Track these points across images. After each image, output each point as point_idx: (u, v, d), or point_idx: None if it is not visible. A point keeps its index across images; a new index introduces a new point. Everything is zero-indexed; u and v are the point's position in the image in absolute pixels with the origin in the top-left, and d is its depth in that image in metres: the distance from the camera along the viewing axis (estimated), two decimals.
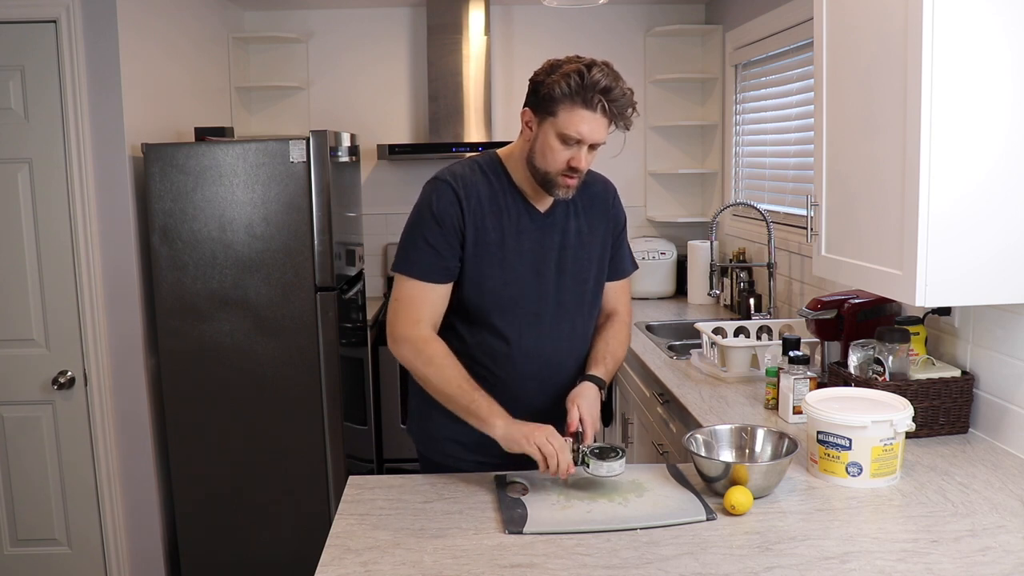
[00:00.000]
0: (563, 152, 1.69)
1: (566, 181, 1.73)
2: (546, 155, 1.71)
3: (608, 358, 1.87)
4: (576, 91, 1.64)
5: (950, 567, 1.35)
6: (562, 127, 1.67)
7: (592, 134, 1.68)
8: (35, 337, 2.83)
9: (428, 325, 1.78)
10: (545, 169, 1.73)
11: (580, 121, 1.66)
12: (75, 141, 2.74)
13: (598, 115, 1.66)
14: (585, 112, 1.65)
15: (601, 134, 1.69)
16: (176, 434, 2.98)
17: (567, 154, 1.70)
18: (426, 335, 1.77)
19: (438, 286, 1.78)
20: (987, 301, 1.68)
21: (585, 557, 1.40)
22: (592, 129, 1.67)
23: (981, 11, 1.58)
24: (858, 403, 1.75)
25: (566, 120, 1.67)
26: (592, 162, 1.75)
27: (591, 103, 1.65)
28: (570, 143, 1.69)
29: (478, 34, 4.05)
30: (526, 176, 1.79)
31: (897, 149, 1.68)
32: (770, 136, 3.52)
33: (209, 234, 2.88)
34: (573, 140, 1.68)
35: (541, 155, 1.73)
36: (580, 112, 1.65)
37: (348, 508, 1.62)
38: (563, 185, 1.73)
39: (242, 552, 3.04)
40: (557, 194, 1.75)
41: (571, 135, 1.67)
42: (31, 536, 2.92)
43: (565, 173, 1.71)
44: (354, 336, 3.36)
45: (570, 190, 1.75)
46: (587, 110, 1.65)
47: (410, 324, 1.78)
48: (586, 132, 1.67)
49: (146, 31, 2.99)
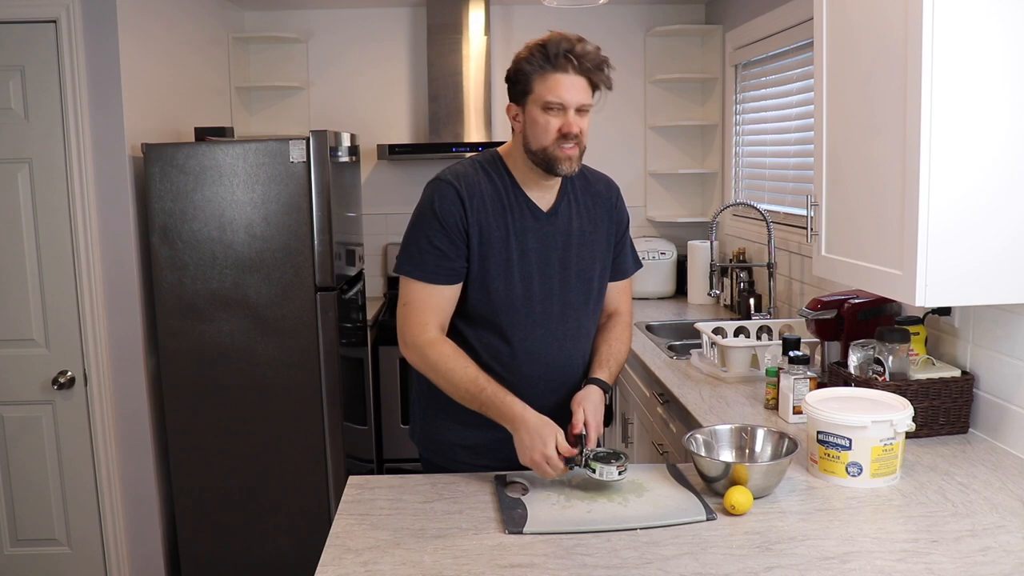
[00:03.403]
0: (551, 121, 1.70)
1: (565, 152, 1.72)
2: (537, 132, 1.72)
3: (611, 360, 1.87)
4: (542, 60, 1.69)
5: (950, 567, 1.35)
6: (541, 97, 1.70)
7: (572, 95, 1.69)
8: (35, 337, 2.84)
9: (435, 328, 1.78)
10: (541, 146, 1.73)
11: (556, 85, 1.69)
12: (75, 141, 2.74)
13: (571, 75, 1.69)
14: (558, 75, 1.69)
15: (582, 94, 1.70)
16: (176, 434, 2.98)
17: (555, 122, 1.70)
18: (432, 338, 1.76)
19: (444, 288, 1.77)
20: (987, 301, 1.68)
21: (585, 557, 1.40)
22: (569, 89, 1.69)
23: (981, 12, 1.58)
24: (858, 403, 1.75)
25: (543, 89, 1.70)
26: (586, 128, 1.74)
27: (560, 65, 1.68)
28: (554, 109, 1.70)
29: (478, 34, 4.05)
30: (527, 172, 1.79)
31: (897, 149, 1.68)
32: (770, 136, 3.52)
33: (209, 234, 2.88)
34: (556, 105, 1.69)
35: (533, 135, 1.73)
36: (552, 76, 1.69)
37: (348, 508, 1.62)
38: (564, 157, 1.72)
39: (242, 552, 3.04)
40: (561, 170, 1.74)
41: (552, 100, 1.69)
42: (31, 536, 2.92)
43: (561, 144, 1.71)
44: (354, 336, 3.36)
45: (573, 163, 1.74)
46: (559, 72, 1.68)
47: (417, 329, 1.77)
48: (565, 94, 1.69)
49: (146, 31, 2.99)
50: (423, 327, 1.76)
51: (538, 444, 1.64)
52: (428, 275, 1.76)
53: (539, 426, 1.65)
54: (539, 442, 1.64)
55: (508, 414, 1.68)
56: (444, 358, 1.74)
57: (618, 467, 1.62)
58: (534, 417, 1.67)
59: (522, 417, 1.67)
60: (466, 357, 1.75)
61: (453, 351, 1.76)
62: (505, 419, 1.69)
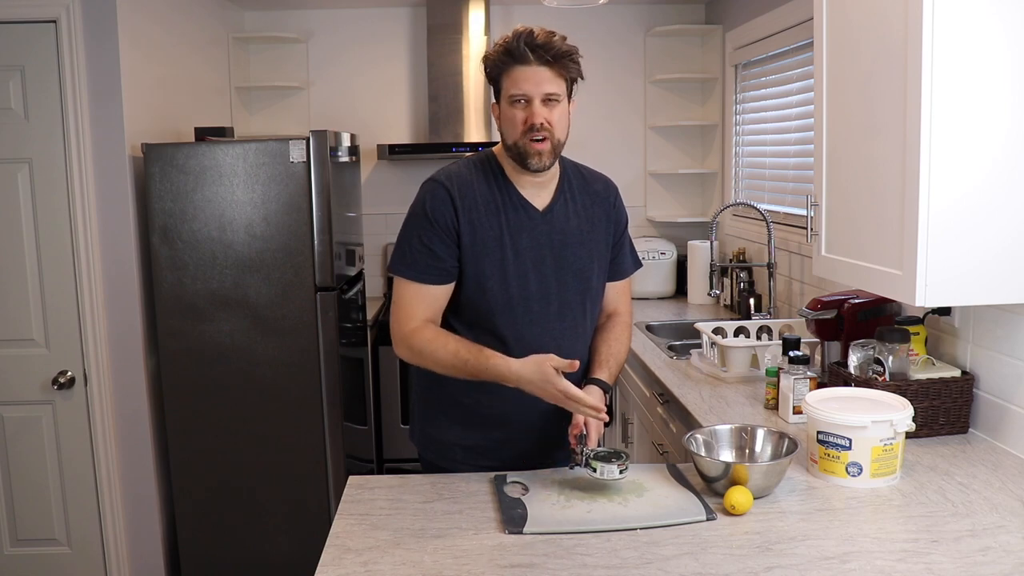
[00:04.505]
0: (517, 115, 1.72)
1: (533, 147, 1.73)
2: (507, 126, 1.75)
3: (611, 360, 1.88)
4: (504, 55, 1.72)
5: (950, 567, 1.35)
6: (507, 91, 1.73)
7: (533, 86, 1.70)
8: (35, 337, 2.84)
9: (420, 320, 1.78)
10: (511, 141, 1.75)
11: (518, 77, 1.71)
12: (75, 141, 2.74)
13: (532, 66, 1.70)
14: (519, 67, 1.71)
15: (545, 84, 1.71)
16: (176, 434, 2.98)
17: (521, 115, 1.72)
18: (415, 327, 1.77)
19: (435, 287, 1.78)
20: (987, 301, 1.68)
21: (585, 557, 1.40)
22: (529, 79, 1.70)
23: (981, 12, 1.58)
24: (858, 403, 1.75)
25: (508, 84, 1.73)
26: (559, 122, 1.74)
27: (521, 57, 1.70)
28: (519, 103, 1.72)
29: (478, 34, 4.05)
30: (515, 168, 1.80)
31: (897, 149, 1.68)
32: (770, 136, 3.52)
33: (209, 234, 2.88)
34: (520, 98, 1.72)
35: (505, 130, 1.76)
36: (515, 70, 1.72)
37: (348, 508, 1.62)
38: (532, 152, 1.73)
39: (242, 552, 3.04)
40: (531, 164, 1.75)
41: (516, 93, 1.72)
42: (31, 536, 2.92)
43: (528, 136, 1.72)
44: (354, 336, 3.36)
45: (543, 157, 1.74)
46: (521, 65, 1.71)
47: (403, 324, 1.78)
48: (525, 85, 1.70)
49: (146, 31, 2.99)
50: (408, 321, 1.78)
51: (548, 388, 1.65)
52: (419, 274, 1.77)
53: (534, 371, 1.66)
54: (548, 385, 1.65)
55: (499, 376, 1.70)
56: (426, 341, 1.75)
57: (619, 466, 1.62)
58: (521, 367, 1.67)
59: (515, 374, 1.68)
60: (447, 334, 1.76)
61: (434, 333, 1.77)
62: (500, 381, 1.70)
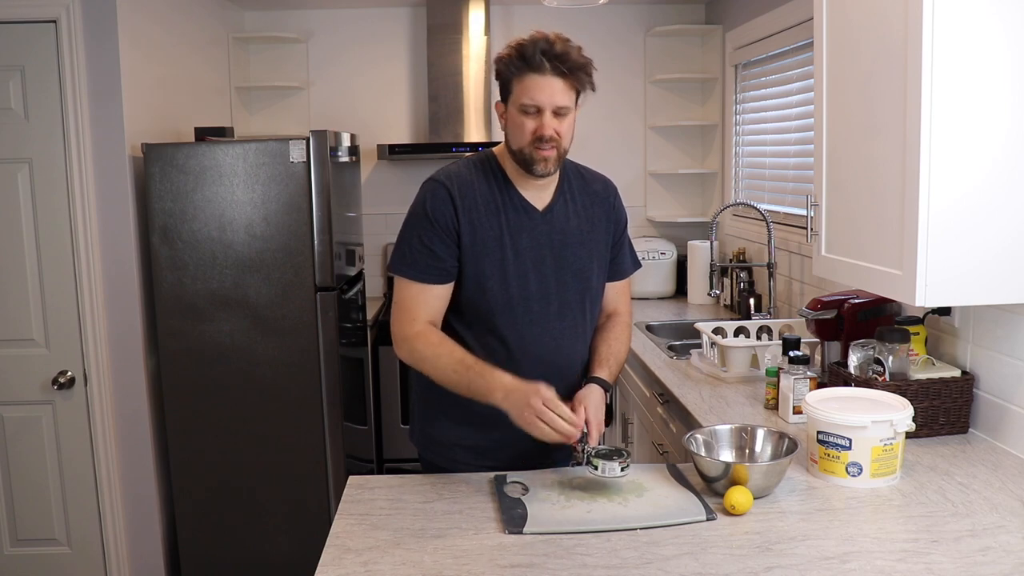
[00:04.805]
0: (527, 123, 1.71)
1: (540, 154, 1.72)
2: (514, 132, 1.74)
3: (611, 360, 1.87)
4: (520, 61, 1.69)
5: (950, 567, 1.35)
6: (518, 98, 1.71)
7: (546, 96, 1.69)
8: (35, 337, 2.84)
9: (423, 322, 1.78)
10: (518, 147, 1.74)
11: (532, 86, 1.69)
12: (75, 141, 2.74)
13: (548, 76, 1.68)
14: (534, 76, 1.68)
15: (558, 96, 1.70)
16: (176, 434, 2.98)
17: (531, 124, 1.71)
18: (419, 330, 1.77)
19: (435, 287, 1.78)
20: (987, 301, 1.68)
21: (585, 557, 1.40)
22: (544, 90, 1.68)
23: (981, 12, 1.58)
24: (858, 403, 1.75)
25: (520, 91, 1.70)
26: (567, 132, 1.73)
27: (537, 66, 1.68)
28: (530, 112, 1.70)
29: (478, 34, 4.05)
30: (517, 169, 1.79)
31: (897, 149, 1.68)
32: (770, 136, 3.52)
33: (209, 234, 2.88)
34: (532, 108, 1.70)
35: (512, 135, 1.75)
36: (529, 78, 1.69)
37: (348, 508, 1.62)
38: (539, 159, 1.73)
39: (242, 552, 3.04)
40: (536, 170, 1.74)
41: (528, 103, 1.69)
42: (31, 536, 2.92)
43: (535, 145, 1.71)
44: (354, 336, 3.36)
45: (548, 164, 1.74)
46: (535, 74, 1.68)
47: (405, 324, 1.78)
48: (539, 96, 1.68)
49: (146, 31, 2.99)
50: (411, 323, 1.77)
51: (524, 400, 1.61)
52: (419, 274, 1.77)
53: (520, 385, 1.64)
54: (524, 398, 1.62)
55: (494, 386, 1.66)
56: (431, 346, 1.75)
57: (620, 464, 1.62)
58: (516, 381, 1.65)
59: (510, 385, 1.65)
60: (453, 343, 1.75)
61: (440, 338, 1.76)
62: (491, 392, 1.67)
